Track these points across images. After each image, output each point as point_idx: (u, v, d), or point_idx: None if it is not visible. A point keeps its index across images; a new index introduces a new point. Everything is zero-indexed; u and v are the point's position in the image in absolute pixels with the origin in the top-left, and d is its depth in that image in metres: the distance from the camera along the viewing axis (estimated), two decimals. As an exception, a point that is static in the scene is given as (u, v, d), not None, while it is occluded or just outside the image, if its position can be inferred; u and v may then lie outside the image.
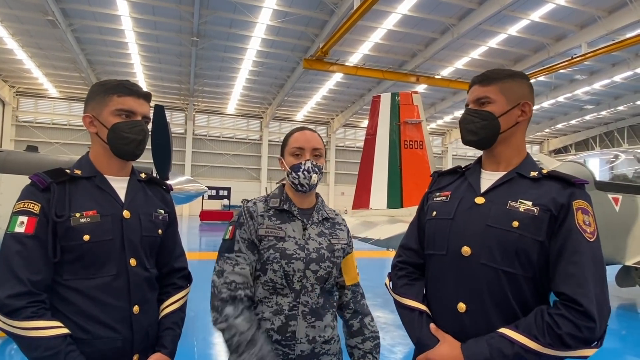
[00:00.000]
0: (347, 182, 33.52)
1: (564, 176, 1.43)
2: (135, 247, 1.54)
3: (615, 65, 22.02)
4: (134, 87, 1.58)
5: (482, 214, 1.42)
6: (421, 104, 7.61)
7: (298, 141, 1.69)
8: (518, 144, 1.51)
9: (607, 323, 1.30)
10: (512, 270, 1.36)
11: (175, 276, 1.74)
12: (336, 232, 1.72)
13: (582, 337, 1.26)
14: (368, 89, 26.98)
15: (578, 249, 1.31)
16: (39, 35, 19.65)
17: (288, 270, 1.59)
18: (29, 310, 1.33)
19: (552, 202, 1.36)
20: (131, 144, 1.54)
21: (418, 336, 1.48)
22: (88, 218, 1.46)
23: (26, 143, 6.38)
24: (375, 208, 7.21)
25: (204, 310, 1.72)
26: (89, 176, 1.54)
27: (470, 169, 1.60)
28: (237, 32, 19.03)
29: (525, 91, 1.50)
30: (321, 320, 1.60)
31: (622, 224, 6.45)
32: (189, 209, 28.97)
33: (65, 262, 1.44)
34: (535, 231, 1.35)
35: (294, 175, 1.64)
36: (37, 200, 1.43)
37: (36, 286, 1.37)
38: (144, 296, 1.56)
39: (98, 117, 1.54)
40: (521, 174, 1.47)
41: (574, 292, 1.27)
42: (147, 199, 1.66)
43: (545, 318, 1.28)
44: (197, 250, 13.70)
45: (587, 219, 1.36)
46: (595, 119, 33.54)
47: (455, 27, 17.75)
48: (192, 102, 30.52)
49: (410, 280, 1.59)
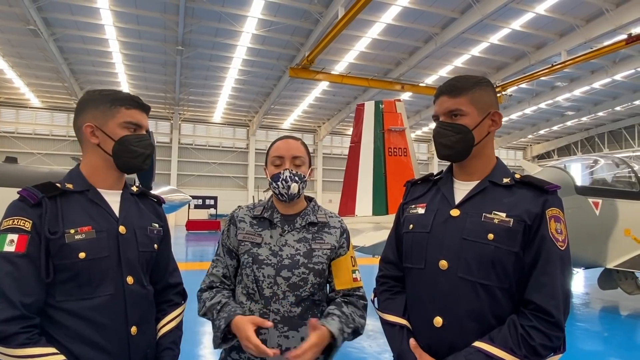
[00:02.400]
0: (334, 189, 33.52)
1: (536, 182, 1.43)
2: (132, 263, 1.47)
3: (594, 72, 22.56)
4: (140, 100, 1.55)
5: (457, 226, 1.42)
6: (404, 111, 7.69)
7: (278, 150, 1.68)
8: (489, 153, 1.51)
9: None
10: (488, 282, 1.37)
11: (171, 292, 1.68)
12: (322, 237, 1.67)
13: (552, 346, 1.30)
14: (354, 97, 27.16)
15: (550, 259, 1.34)
16: (20, 45, 19.34)
17: (258, 275, 1.59)
18: (22, 337, 1.25)
19: (526, 213, 1.38)
20: (139, 158, 1.51)
21: (398, 352, 1.48)
22: (83, 234, 1.38)
23: (6, 154, 6.27)
24: (361, 215, 7.24)
25: (191, 321, 1.71)
26: (82, 190, 1.46)
27: (442, 179, 1.59)
28: (222, 41, 19.02)
29: (493, 99, 1.50)
30: (296, 331, 1.55)
31: (602, 228, 6.58)
32: (175, 218, 28.61)
33: (58, 282, 1.36)
34: (510, 243, 1.36)
35: (274, 185, 1.64)
36: (28, 217, 1.34)
37: (29, 309, 1.28)
38: (142, 316, 1.49)
39: (102, 128, 1.48)
40: (494, 182, 1.47)
41: (546, 303, 1.30)
42: (141, 213, 1.59)
43: (518, 330, 1.30)
44: (183, 261, 13.52)
45: (559, 227, 1.38)
46: (577, 125, 34.22)
47: (438, 36, 18.02)
48: (177, 111, 30.29)
49: (392, 295, 1.59)
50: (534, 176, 1.48)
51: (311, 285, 1.61)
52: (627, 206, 6.73)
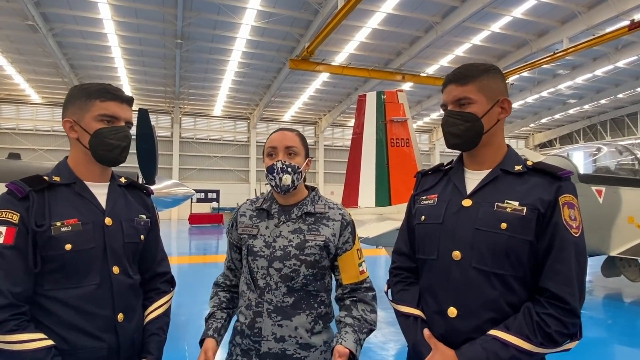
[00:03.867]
0: (336, 181, 33.53)
1: (549, 169, 1.42)
2: (117, 254, 1.51)
3: (597, 59, 22.39)
4: (117, 91, 1.53)
5: (470, 217, 1.42)
6: (406, 102, 7.65)
7: (272, 141, 1.69)
8: (499, 141, 1.50)
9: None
10: (502, 272, 1.36)
11: (159, 281, 1.72)
12: (318, 228, 1.65)
13: (568, 333, 1.30)
14: (355, 88, 27.04)
15: (564, 246, 1.33)
16: (19, 41, 19.27)
17: (252, 267, 1.63)
18: (11, 324, 1.30)
19: (539, 201, 1.36)
20: (114, 150, 1.51)
21: (413, 342, 1.49)
22: (69, 227, 1.42)
23: (8, 151, 6.27)
24: (364, 206, 7.24)
25: (197, 314, 1.75)
26: (68, 183, 1.50)
27: (453, 168, 1.58)
28: (221, 33, 18.91)
29: (502, 87, 1.48)
30: (289, 320, 1.58)
31: (605, 216, 6.57)
32: (178, 212, 28.70)
33: (46, 272, 1.40)
34: (523, 231, 1.35)
35: (270, 177, 1.65)
36: (16, 210, 1.39)
37: (17, 298, 1.33)
38: (128, 303, 1.53)
39: (79, 122, 1.50)
40: (505, 169, 1.45)
41: (561, 290, 1.30)
42: (128, 205, 1.62)
43: (534, 317, 1.30)
44: (187, 254, 13.59)
45: (573, 213, 1.36)
46: (579, 113, 34.06)
47: (439, 25, 17.87)
48: (178, 104, 30.24)
49: (405, 286, 1.59)
50: (546, 163, 1.46)
51: (303, 276, 1.61)
52: (630, 194, 6.72)
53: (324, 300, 1.67)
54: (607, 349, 5.08)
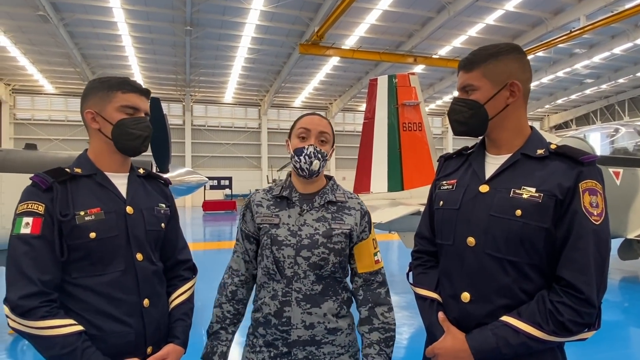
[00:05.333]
0: (348, 166, 33.43)
1: (570, 153, 1.36)
2: (140, 242, 1.55)
3: (615, 37, 21.72)
4: (136, 84, 1.59)
5: (485, 203, 1.40)
6: (419, 85, 7.55)
7: (305, 123, 1.66)
8: (515, 125, 1.45)
9: (601, 302, 1.32)
10: (516, 259, 1.34)
11: (181, 268, 1.76)
12: (342, 217, 1.66)
13: (582, 322, 1.28)
14: (365, 72, 26.74)
15: (582, 235, 1.29)
16: (31, 31, 19.42)
17: (278, 256, 1.61)
18: (42, 310, 1.34)
19: (557, 187, 1.32)
20: (137, 140, 1.56)
21: (428, 324, 1.51)
22: (93, 216, 1.47)
23: (25, 141, 6.37)
24: (376, 192, 7.22)
25: (211, 300, 1.76)
26: (90, 174, 1.54)
27: (474, 153, 1.56)
28: (230, 19, 18.78)
29: (512, 68, 1.41)
30: (318, 307, 1.59)
31: (623, 198, 6.46)
32: (192, 199, 29.02)
33: (73, 261, 1.45)
34: (539, 218, 1.32)
35: (296, 159, 1.63)
36: (41, 201, 1.43)
37: (47, 285, 1.37)
38: (153, 289, 1.58)
39: (101, 113, 1.54)
40: (526, 154, 1.41)
41: (576, 278, 1.27)
42: (148, 194, 1.67)
43: (547, 305, 1.29)
44: (201, 241, 13.78)
45: (595, 200, 1.31)
46: (596, 93, 33.23)
47: (451, 5, 17.47)
48: (189, 92, 30.30)
49: (425, 269, 1.61)
50: (570, 146, 1.40)
51: (332, 264, 1.62)
52: (649, 175, 6.58)
53: (346, 286, 1.72)
54: (622, 331, 5.05)
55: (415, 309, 1.63)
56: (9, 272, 1.38)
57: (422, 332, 1.58)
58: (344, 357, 1.63)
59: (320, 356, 1.59)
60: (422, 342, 1.62)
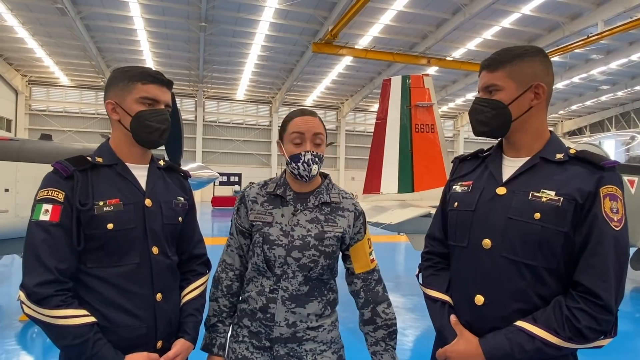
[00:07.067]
0: (358, 167, 33.42)
1: (592, 159, 1.34)
2: (157, 235, 1.54)
3: (633, 43, 21.39)
4: (158, 74, 1.55)
5: (503, 205, 1.38)
6: (432, 86, 7.49)
7: (298, 126, 1.60)
8: (536, 128, 1.43)
9: (618, 310, 1.29)
10: (533, 262, 1.32)
11: (195, 263, 1.75)
12: (335, 219, 1.64)
13: (600, 329, 1.25)
14: (378, 72, 26.67)
15: (602, 240, 1.27)
16: (48, 24, 19.69)
17: (269, 255, 1.60)
18: (57, 299, 1.34)
19: (577, 191, 1.30)
20: (155, 133, 1.52)
21: (438, 327, 1.49)
22: (111, 206, 1.45)
23: (40, 131, 6.47)
24: (386, 192, 7.19)
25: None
26: (111, 164, 1.52)
27: (491, 155, 1.53)
28: (245, 16, 18.86)
29: (538, 70, 1.39)
30: (303, 307, 1.60)
31: (638, 207, 6.34)
32: (201, 195, 29.22)
33: (89, 251, 1.44)
34: (558, 222, 1.30)
35: (294, 166, 1.60)
36: (61, 188, 1.42)
37: (63, 274, 1.37)
38: (166, 284, 1.57)
39: (121, 104, 1.51)
40: (545, 158, 1.39)
41: (595, 284, 1.25)
42: (167, 187, 1.65)
43: (564, 311, 1.26)
44: (209, 236, 13.85)
45: (615, 206, 1.30)
46: (611, 100, 32.75)
47: (467, 7, 17.35)
48: (201, 88, 30.50)
49: (436, 271, 1.59)
50: (590, 152, 1.38)
51: (321, 267, 1.62)
52: (665, 184, 6.46)
53: (333, 287, 1.71)
54: (633, 342, 4.97)
55: (421, 312, 1.63)
56: (26, 258, 1.38)
57: (428, 335, 1.57)
58: (327, 353, 1.63)
59: (302, 352, 1.60)
60: (429, 345, 1.60)
